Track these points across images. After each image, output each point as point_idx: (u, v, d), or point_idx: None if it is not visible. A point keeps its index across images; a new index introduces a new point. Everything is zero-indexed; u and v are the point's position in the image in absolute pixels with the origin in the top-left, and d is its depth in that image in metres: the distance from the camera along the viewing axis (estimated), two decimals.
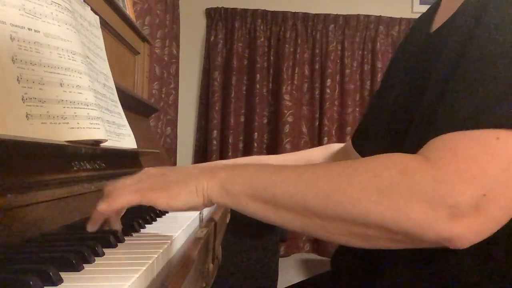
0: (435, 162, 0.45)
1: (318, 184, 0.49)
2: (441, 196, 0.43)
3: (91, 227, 0.55)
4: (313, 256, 3.08)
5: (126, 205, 0.54)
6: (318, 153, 1.04)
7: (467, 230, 0.44)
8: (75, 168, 0.66)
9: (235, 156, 3.10)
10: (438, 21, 0.66)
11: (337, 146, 1.05)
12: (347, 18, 3.17)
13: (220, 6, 3.15)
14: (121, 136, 0.85)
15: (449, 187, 0.43)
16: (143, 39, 1.42)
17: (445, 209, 0.43)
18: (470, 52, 0.50)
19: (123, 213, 0.58)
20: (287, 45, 3.12)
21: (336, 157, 1.01)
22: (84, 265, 0.42)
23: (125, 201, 0.54)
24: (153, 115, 1.77)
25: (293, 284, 0.86)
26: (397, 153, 0.49)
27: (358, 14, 3.18)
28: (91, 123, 0.67)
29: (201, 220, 0.72)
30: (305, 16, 3.16)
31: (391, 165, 0.47)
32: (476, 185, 0.43)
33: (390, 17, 3.19)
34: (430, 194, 0.44)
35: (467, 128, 0.45)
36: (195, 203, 0.54)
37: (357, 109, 3.19)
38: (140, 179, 0.56)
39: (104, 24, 1.03)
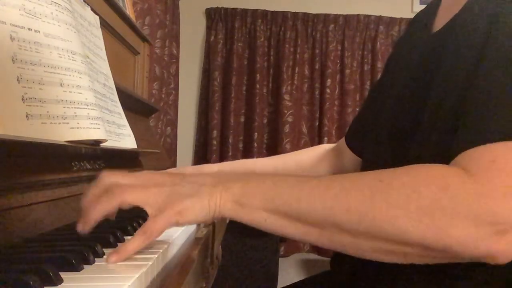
0: (478, 176, 0.43)
1: (348, 199, 0.46)
2: (486, 213, 0.41)
3: (83, 227, 0.49)
4: (313, 256, 3.08)
5: (131, 205, 0.50)
6: (308, 155, 1.01)
7: (510, 246, 0.42)
8: (75, 168, 0.66)
9: (235, 156, 3.11)
10: (440, 21, 0.66)
11: (327, 146, 1.03)
12: (347, 18, 3.17)
13: (220, 6, 3.15)
14: (121, 136, 0.86)
15: (495, 203, 0.42)
16: (143, 39, 1.42)
17: (490, 226, 0.41)
18: (491, 56, 0.49)
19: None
20: (287, 45, 3.12)
21: (327, 157, 1.00)
22: (84, 265, 0.42)
23: (131, 201, 0.49)
24: (153, 115, 1.77)
25: (292, 283, 0.86)
26: (433, 164, 0.47)
27: (358, 14, 3.18)
28: (91, 123, 0.67)
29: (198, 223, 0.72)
30: (305, 16, 3.16)
31: (430, 180, 0.44)
32: None
33: (390, 17, 3.19)
34: (474, 211, 0.42)
35: (507, 139, 0.44)
36: (205, 217, 0.50)
37: (357, 109, 3.18)
38: (148, 183, 0.51)
39: (104, 24, 1.03)
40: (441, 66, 0.57)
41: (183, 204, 0.49)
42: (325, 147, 1.03)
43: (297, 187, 0.49)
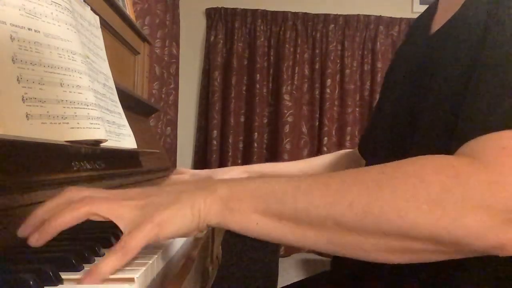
0: (488, 164, 0.41)
1: (351, 194, 0.42)
2: (499, 201, 0.40)
3: (37, 241, 0.42)
4: (313, 256, 3.08)
5: (100, 218, 0.43)
6: (331, 159, 1.04)
7: None
8: (75, 168, 0.66)
9: (235, 156, 3.11)
10: (438, 22, 0.66)
11: (348, 151, 1.06)
12: (347, 18, 3.17)
13: (220, 6, 3.15)
14: (121, 136, 0.85)
15: (507, 191, 0.40)
16: (143, 39, 1.42)
17: (502, 214, 0.40)
18: (492, 47, 0.48)
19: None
20: (287, 45, 3.13)
21: (343, 160, 1.02)
22: (84, 265, 0.42)
23: (102, 213, 0.43)
24: (153, 115, 1.77)
25: (292, 283, 0.86)
26: (438, 155, 0.45)
27: (358, 14, 3.18)
28: (91, 123, 0.67)
29: None
30: (305, 16, 3.16)
31: (438, 169, 0.42)
32: None
33: (390, 17, 3.19)
34: (487, 199, 0.40)
35: None
36: (188, 229, 0.44)
37: (357, 109, 3.19)
38: (120, 196, 0.45)
39: (104, 24, 1.03)
40: (440, 66, 0.57)
41: (162, 215, 0.42)
42: (347, 150, 1.06)
43: (292, 185, 0.45)
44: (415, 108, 0.60)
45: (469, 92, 0.48)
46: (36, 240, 0.42)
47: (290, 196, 0.44)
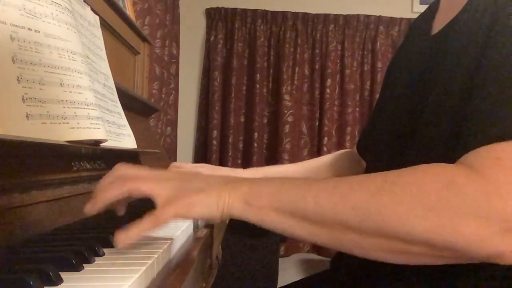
0: (484, 174, 0.42)
1: (355, 198, 0.46)
2: (494, 210, 0.41)
3: (92, 207, 0.51)
4: (313, 256, 3.08)
5: (141, 194, 0.50)
6: (331, 159, 1.05)
7: None
8: (75, 168, 0.66)
9: (235, 156, 3.10)
10: (439, 23, 0.66)
11: (347, 150, 1.07)
12: (347, 18, 3.17)
13: (220, 6, 3.15)
14: (121, 136, 0.86)
15: (502, 200, 0.41)
16: (143, 39, 1.42)
17: (498, 224, 0.41)
18: (494, 56, 0.49)
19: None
20: (287, 45, 3.12)
21: (343, 160, 1.02)
22: (84, 265, 0.42)
23: (143, 190, 0.50)
24: (153, 115, 1.77)
25: (292, 282, 0.86)
26: (438, 163, 0.46)
27: (358, 14, 3.18)
28: (91, 123, 0.67)
29: (195, 226, 0.71)
30: (305, 16, 3.16)
31: (436, 177, 0.44)
32: None
33: (390, 17, 3.19)
34: (483, 209, 0.41)
35: None
36: (213, 215, 0.51)
37: (357, 109, 3.19)
38: (160, 177, 0.52)
39: (104, 24, 1.03)
40: (442, 67, 0.57)
41: (192, 198, 0.50)
42: (346, 150, 1.07)
43: (304, 187, 0.49)
44: (416, 109, 0.60)
45: (471, 101, 0.49)
46: (89, 209, 0.51)
47: (301, 197, 0.48)
